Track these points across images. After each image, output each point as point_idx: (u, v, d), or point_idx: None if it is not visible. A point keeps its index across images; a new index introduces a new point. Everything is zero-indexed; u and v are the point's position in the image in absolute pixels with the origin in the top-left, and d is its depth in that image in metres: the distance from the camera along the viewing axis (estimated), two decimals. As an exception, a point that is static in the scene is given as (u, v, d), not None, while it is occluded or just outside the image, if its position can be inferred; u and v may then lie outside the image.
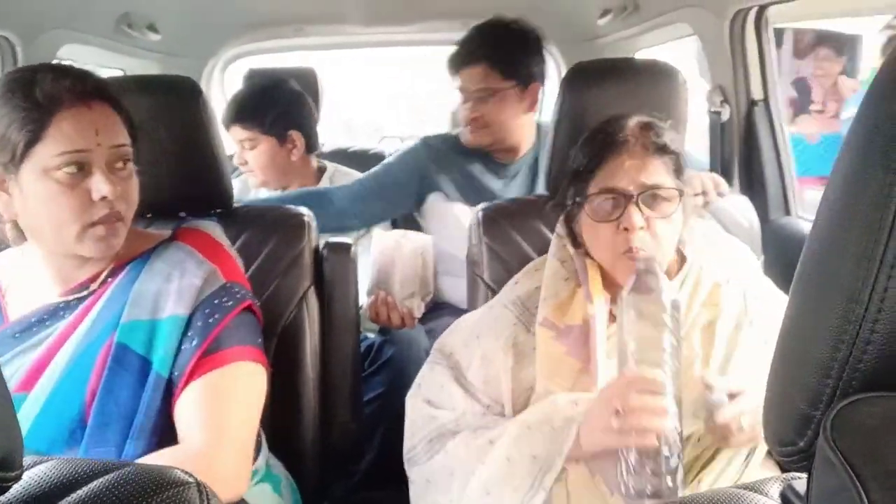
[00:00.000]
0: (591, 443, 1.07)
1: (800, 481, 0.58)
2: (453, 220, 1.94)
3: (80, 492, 0.53)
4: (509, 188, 2.04)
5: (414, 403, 1.30)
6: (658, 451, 0.99)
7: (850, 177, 0.47)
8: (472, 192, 2.00)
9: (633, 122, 1.21)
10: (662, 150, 1.18)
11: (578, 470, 1.11)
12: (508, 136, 1.98)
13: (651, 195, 1.15)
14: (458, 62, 1.98)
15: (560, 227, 1.32)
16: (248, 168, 2.11)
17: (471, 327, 1.32)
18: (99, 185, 1.05)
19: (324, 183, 2.17)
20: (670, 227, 1.18)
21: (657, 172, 1.17)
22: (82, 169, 1.05)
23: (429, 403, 1.28)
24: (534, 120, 2.05)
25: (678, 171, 1.19)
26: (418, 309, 1.87)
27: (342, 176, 2.22)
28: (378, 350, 1.90)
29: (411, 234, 1.91)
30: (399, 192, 2.06)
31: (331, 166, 2.26)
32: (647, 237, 1.14)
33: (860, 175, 0.46)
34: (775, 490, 0.60)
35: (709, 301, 1.20)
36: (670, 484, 0.99)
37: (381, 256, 1.82)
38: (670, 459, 0.99)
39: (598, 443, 1.06)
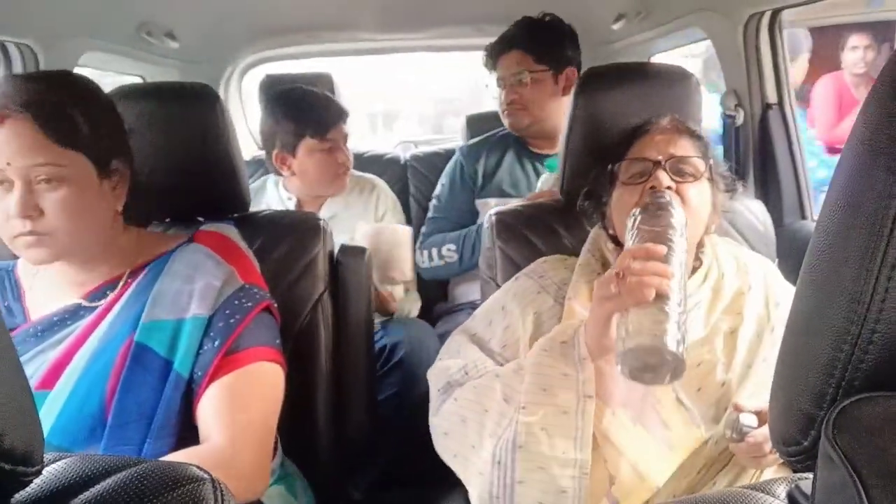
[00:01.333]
0: (594, 321, 1.08)
1: (806, 481, 0.58)
2: None
3: (97, 487, 0.55)
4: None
5: (433, 371, 1.32)
6: (659, 309, 0.96)
7: (853, 177, 0.48)
8: (514, 187, 2.10)
9: (664, 116, 1.30)
10: (691, 133, 1.25)
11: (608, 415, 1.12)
12: (546, 119, 2.09)
13: (679, 165, 1.20)
14: (496, 52, 2.12)
15: (596, 230, 1.35)
16: (348, 168, 2.09)
17: (495, 301, 1.34)
18: (9, 203, 1.03)
19: (338, 198, 2.16)
20: (698, 196, 1.20)
21: (685, 147, 1.22)
22: (6, 183, 1.04)
23: (443, 360, 1.31)
24: None
25: (705, 156, 1.24)
26: (399, 295, 1.99)
27: (352, 188, 2.21)
28: (390, 352, 1.92)
29: (392, 225, 2.01)
30: (462, 211, 2.16)
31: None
32: (674, 197, 1.17)
33: (862, 176, 0.47)
34: (782, 490, 0.60)
35: (731, 309, 1.21)
36: (673, 349, 0.93)
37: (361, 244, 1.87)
38: (672, 328, 0.94)
39: (600, 318, 1.06)
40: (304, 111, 2.02)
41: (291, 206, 2.12)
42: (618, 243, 1.29)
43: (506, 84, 2.09)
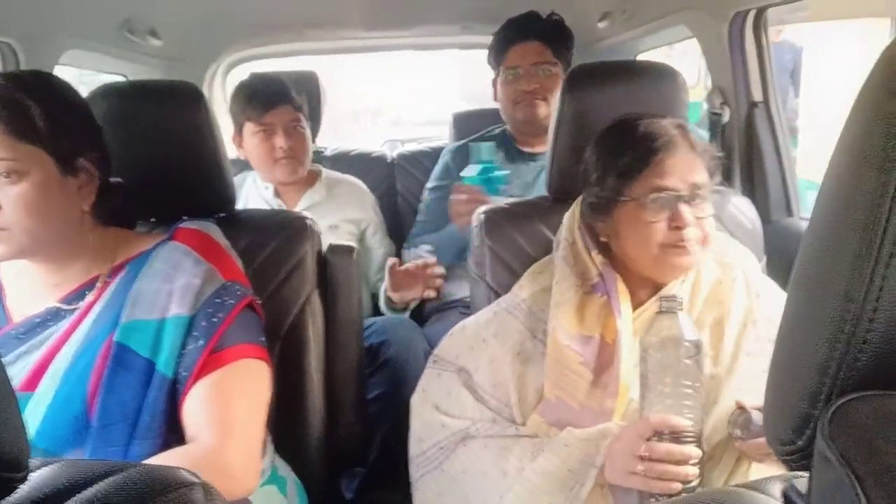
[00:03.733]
0: (613, 480, 1.08)
1: (801, 480, 0.58)
2: None
3: (85, 493, 0.54)
4: (540, 179, 2.08)
5: (422, 409, 1.30)
6: (680, 494, 1.00)
7: (845, 176, 0.48)
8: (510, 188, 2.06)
9: (668, 121, 1.22)
10: (702, 149, 1.22)
11: None
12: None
13: (697, 193, 1.18)
14: (512, 38, 2.08)
15: (578, 232, 1.30)
16: (290, 155, 2.05)
17: (476, 332, 1.32)
18: None
19: (319, 188, 2.18)
20: (709, 226, 1.20)
21: (700, 171, 1.20)
22: None
23: (437, 409, 1.28)
24: None
25: (711, 172, 1.22)
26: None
27: (335, 183, 2.23)
28: (376, 352, 1.91)
29: None
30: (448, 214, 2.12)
31: (325, 172, 2.26)
32: (696, 234, 1.17)
33: (855, 174, 0.47)
34: (777, 489, 0.60)
35: (712, 298, 1.22)
36: None
37: None
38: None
39: (621, 481, 1.06)
40: (245, 94, 2.06)
41: (269, 195, 2.13)
42: (608, 250, 1.26)
43: (523, 73, 2.05)
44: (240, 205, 2.05)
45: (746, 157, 1.97)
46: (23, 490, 0.54)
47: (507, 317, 1.30)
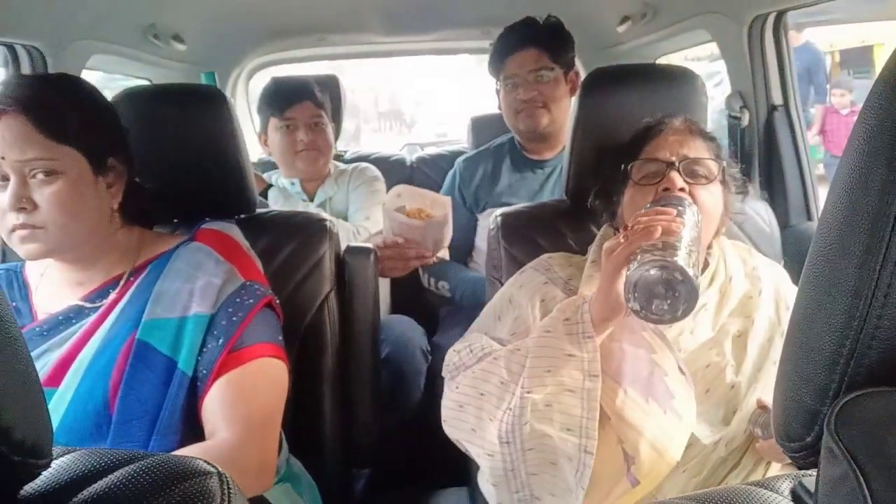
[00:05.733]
0: (603, 278, 1.08)
1: (810, 478, 0.58)
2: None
3: (104, 480, 0.55)
4: (547, 186, 2.09)
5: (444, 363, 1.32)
6: (667, 243, 0.96)
7: (855, 173, 0.48)
8: (514, 196, 2.07)
9: (676, 116, 1.30)
10: (703, 134, 1.26)
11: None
12: (558, 119, 2.06)
13: (692, 167, 1.21)
14: (508, 48, 2.06)
15: (605, 229, 1.36)
16: (311, 147, 2.12)
17: (502, 294, 1.35)
18: (4, 197, 1.07)
19: (330, 182, 2.23)
20: (710, 199, 1.20)
21: (698, 149, 1.23)
22: (6, 178, 1.06)
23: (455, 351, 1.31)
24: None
25: (718, 157, 1.25)
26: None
27: (341, 173, 2.27)
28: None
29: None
30: (460, 228, 2.12)
31: (335, 165, 2.31)
32: (687, 198, 1.18)
33: (865, 171, 0.47)
34: (786, 487, 0.61)
35: (740, 312, 1.21)
36: (684, 266, 0.93)
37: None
38: (682, 253, 0.95)
39: (608, 272, 1.07)
40: (270, 92, 2.17)
41: (297, 189, 2.18)
42: None
43: (521, 81, 2.04)
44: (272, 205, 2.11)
45: (766, 161, 1.96)
46: (45, 476, 0.56)
47: (532, 272, 1.33)
